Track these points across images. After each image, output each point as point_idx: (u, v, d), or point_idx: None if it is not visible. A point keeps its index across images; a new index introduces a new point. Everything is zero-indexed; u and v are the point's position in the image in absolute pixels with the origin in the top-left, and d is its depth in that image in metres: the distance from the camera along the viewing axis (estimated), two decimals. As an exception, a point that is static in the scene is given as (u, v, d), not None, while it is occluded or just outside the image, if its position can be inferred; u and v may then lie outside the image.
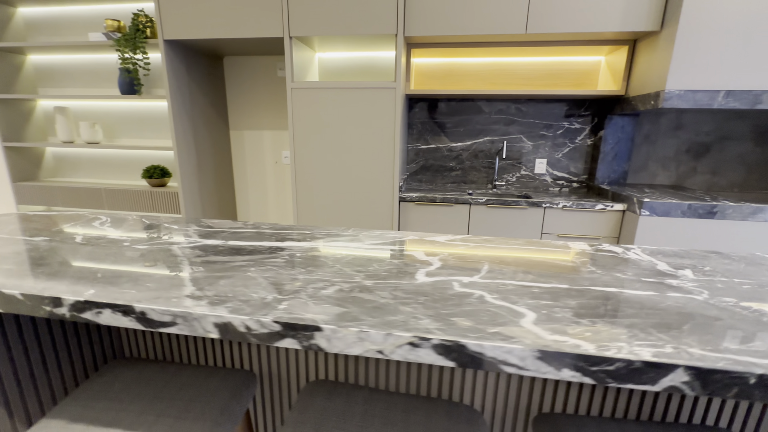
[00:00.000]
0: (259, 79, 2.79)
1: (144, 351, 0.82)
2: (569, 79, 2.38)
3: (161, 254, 0.65)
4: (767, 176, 2.33)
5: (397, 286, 0.53)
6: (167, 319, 0.44)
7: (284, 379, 0.74)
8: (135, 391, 0.69)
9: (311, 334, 0.41)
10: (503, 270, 0.59)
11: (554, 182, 2.57)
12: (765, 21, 1.61)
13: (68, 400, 0.66)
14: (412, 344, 0.39)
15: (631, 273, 0.62)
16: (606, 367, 0.36)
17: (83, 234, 0.73)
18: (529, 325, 0.41)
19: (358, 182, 2.19)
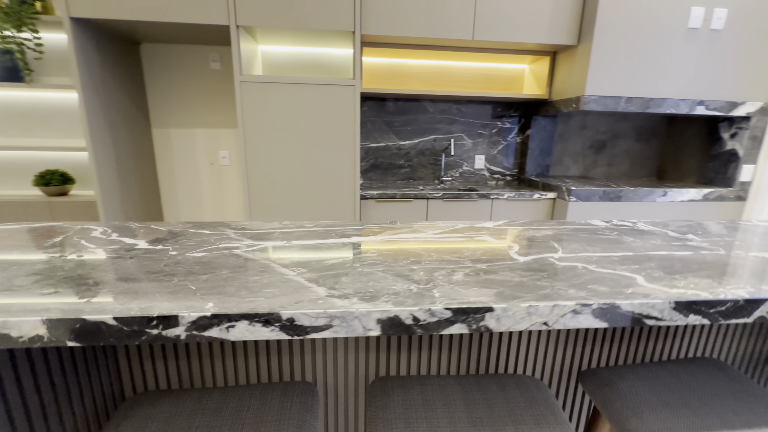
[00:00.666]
0: (187, 71, 2.49)
1: (163, 382, 0.69)
2: (500, 84, 2.66)
3: (234, 259, 0.56)
4: (645, 166, 2.94)
5: (510, 266, 0.56)
6: (322, 323, 0.38)
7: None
8: (181, 425, 0.59)
9: (482, 316, 0.41)
10: (572, 247, 0.66)
11: (491, 176, 2.84)
12: (655, 42, 2.04)
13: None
14: (574, 311, 0.43)
15: (659, 240, 0.75)
16: (719, 308, 0.45)
17: (107, 246, 0.58)
18: (645, 284, 0.48)
19: (318, 181, 2.13)
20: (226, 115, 2.60)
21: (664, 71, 2.10)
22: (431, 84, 2.61)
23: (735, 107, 2.22)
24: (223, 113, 2.60)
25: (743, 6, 2.04)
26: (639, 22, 2.01)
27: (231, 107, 2.59)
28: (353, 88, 2.03)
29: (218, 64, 2.50)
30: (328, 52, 2.42)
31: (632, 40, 2.03)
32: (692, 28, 2.05)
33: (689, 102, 2.18)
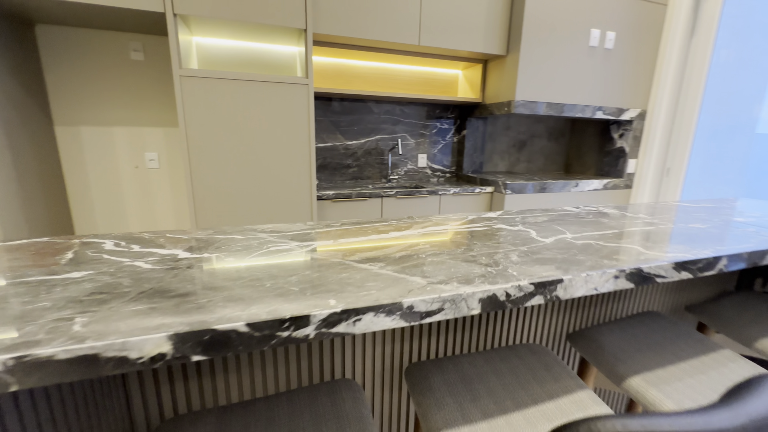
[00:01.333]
0: (99, 60, 2.17)
1: (183, 405, 0.61)
2: (438, 87, 2.86)
3: (302, 259, 0.53)
4: (555, 162, 3.43)
5: (545, 246, 0.65)
6: (435, 307, 0.41)
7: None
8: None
9: (554, 287, 0.48)
10: (573, 228, 0.78)
11: (433, 174, 3.03)
12: (566, 56, 2.39)
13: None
14: (615, 277, 0.52)
15: (624, 219, 0.92)
16: (699, 265, 0.59)
17: (144, 258, 0.49)
18: (647, 252, 0.61)
19: (272, 183, 2.04)
20: (153, 112, 2.32)
21: (573, 81, 2.49)
22: (375, 85, 2.68)
23: (623, 112, 2.73)
24: (150, 110, 2.32)
25: (627, 30, 2.53)
26: (554, 40, 2.34)
27: (159, 103, 2.32)
28: (306, 87, 1.99)
29: (140, 54, 2.23)
30: (270, 48, 2.32)
31: (549, 54, 2.36)
32: (592, 46, 2.46)
33: (592, 107, 2.61)
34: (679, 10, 2.50)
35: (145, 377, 0.61)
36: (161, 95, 2.32)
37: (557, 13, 2.31)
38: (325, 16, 2.01)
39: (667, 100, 2.66)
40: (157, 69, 2.28)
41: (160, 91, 2.31)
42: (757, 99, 3.92)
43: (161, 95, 2.32)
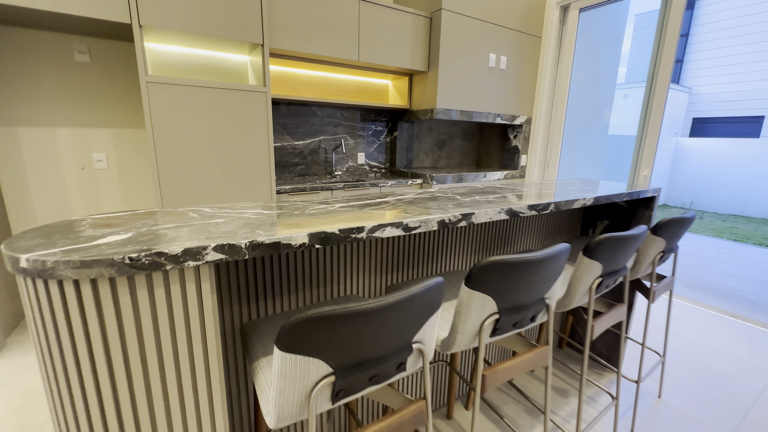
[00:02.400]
0: (39, 61, 2.17)
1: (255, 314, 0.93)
2: (372, 94, 3.31)
3: (347, 211, 0.88)
4: (469, 158, 4.14)
5: (463, 202, 1.11)
6: (417, 225, 0.82)
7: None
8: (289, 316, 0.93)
9: (470, 216, 0.93)
10: (473, 194, 1.27)
11: (371, 169, 3.48)
12: (473, 74, 3.03)
13: None
14: (498, 212, 1.01)
15: (506, 193, 1.45)
16: (539, 207, 1.11)
17: (234, 212, 0.74)
18: (516, 200, 1.12)
19: (235, 181, 2.28)
20: (101, 113, 2.37)
21: (479, 94, 3.15)
22: (318, 92, 3.03)
23: (515, 118, 3.50)
24: (98, 112, 2.36)
25: (515, 55, 3.27)
26: (463, 61, 2.96)
27: (107, 105, 2.37)
28: (264, 94, 2.27)
29: (86, 56, 2.27)
30: (220, 56, 2.52)
31: (460, 71, 2.97)
32: (491, 67, 3.15)
33: (493, 114, 3.32)
34: (549, 42, 3.33)
35: (232, 293, 0.92)
36: (110, 97, 2.37)
37: (464, 40, 2.93)
38: (279, 32, 2.31)
39: (544, 109, 3.50)
40: (104, 71, 2.33)
41: (109, 93, 2.37)
42: (608, 109, 5.17)
43: (110, 97, 2.37)
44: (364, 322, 0.60)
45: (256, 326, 0.91)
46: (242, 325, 0.92)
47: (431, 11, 2.85)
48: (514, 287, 0.83)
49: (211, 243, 0.61)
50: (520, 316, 0.89)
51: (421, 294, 0.66)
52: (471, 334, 0.85)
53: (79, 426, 0.61)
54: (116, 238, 0.64)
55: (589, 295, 1.10)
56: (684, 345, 2.15)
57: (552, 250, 0.85)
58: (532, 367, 0.95)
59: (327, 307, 0.57)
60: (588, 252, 1.04)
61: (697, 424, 1.52)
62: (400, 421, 0.73)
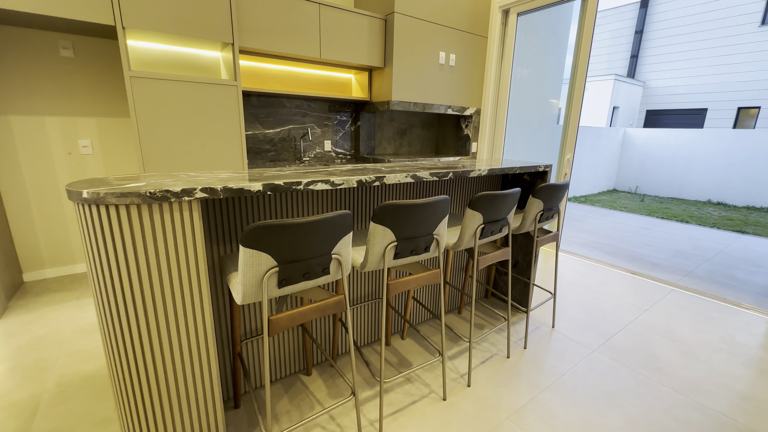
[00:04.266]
0: (27, 57, 2.42)
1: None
2: (336, 87, 3.66)
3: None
4: (428, 145, 4.57)
5: (422, 165, 1.52)
6: (407, 179, 1.21)
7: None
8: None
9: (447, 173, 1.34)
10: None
11: (337, 156, 3.85)
12: (425, 70, 3.43)
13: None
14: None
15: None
16: (440, 176, 1.53)
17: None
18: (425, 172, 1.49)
19: (212, 165, 2.61)
20: (86, 104, 2.63)
21: (432, 87, 3.56)
22: (286, 85, 3.35)
23: (465, 110, 3.94)
24: (83, 102, 2.62)
25: (463, 53, 3.70)
26: (416, 58, 3.36)
27: (91, 97, 2.63)
28: (236, 88, 2.60)
29: (70, 51, 2.52)
30: (194, 52, 2.81)
31: (414, 67, 3.37)
32: (441, 64, 3.56)
33: (445, 106, 3.74)
34: (492, 42, 3.77)
35: (212, 235, 1.31)
36: (93, 89, 2.64)
37: (416, 39, 3.33)
38: (247, 32, 2.63)
39: (491, 102, 3.95)
40: (87, 66, 2.59)
41: (92, 85, 2.63)
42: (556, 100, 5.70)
43: (93, 89, 2.64)
44: (296, 231, 0.99)
45: (228, 257, 1.29)
46: (219, 257, 1.30)
47: (385, 14, 3.22)
48: (407, 222, 1.25)
49: (199, 186, 0.99)
50: (414, 245, 1.32)
51: (335, 218, 1.06)
52: (378, 255, 1.26)
53: (117, 305, 0.99)
54: (136, 184, 1.00)
55: (474, 239, 1.54)
56: (584, 293, 2.68)
57: (432, 199, 1.27)
58: (426, 282, 1.38)
59: (273, 220, 0.96)
60: (471, 205, 1.47)
61: (575, 343, 2.02)
62: (325, 305, 1.14)
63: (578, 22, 3.12)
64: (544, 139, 5.79)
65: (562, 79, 5.81)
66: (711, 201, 7.41)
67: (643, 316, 2.33)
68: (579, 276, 3.04)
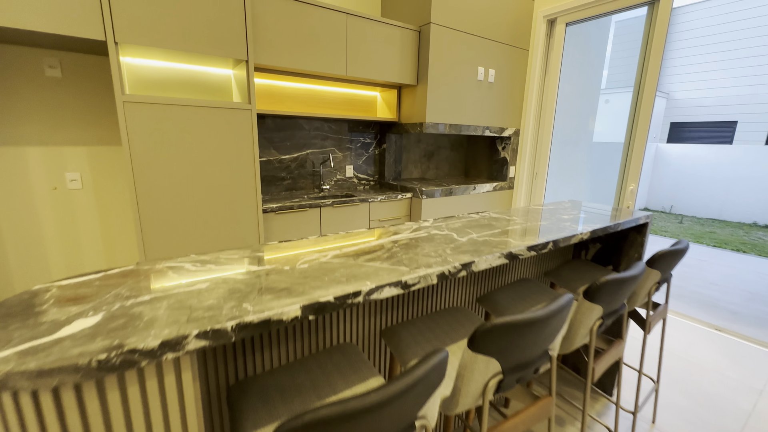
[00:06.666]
0: (6, 76, 2.04)
1: (242, 373, 0.85)
2: (360, 106, 3.26)
3: (340, 262, 0.80)
4: (457, 168, 4.13)
5: (461, 243, 1.06)
6: (416, 281, 0.77)
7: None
8: (288, 383, 0.85)
9: (470, 265, 0.89)
10: (469, 231, 1.22)
11: (359, 182, 3.43)
12: (461, 88, 3.01)
13: None
14: (498, 257, 0.96)
15: (495, 223, 1.42)
16: (538, 247, 1.08)
17: (234, 268, 0.66)
18: (512, 240, 1.07)
19: (219, 201, 2.19)
20: (75, 131, 2.24)
21: (467, 107, 3.14)
22: (305, 104, 2.95)
23: (503, 131, 3.50)
24: (71, 129, 2.23)
25: (503, 68, 3.27)
26: (452, 74, 2.94)
27: (81, 122, 2.25)
28: (249, 111, 2.19)
29: (57, 71, 2.15)
30: (203, 70, 2.43)
31: (449, 85, 2.95)
32: (479, 80, 3.14)
33: (482, 127, 3.31)
34: (536, 55, 3.34)
35: (217, 353, 0.85)
36: (84, 113, 2.25)
37: (453, 54, 2.91)
38: (264, 47, 2.23)
39: (532, 121, 3.51)
40: (78, 87, 2.21)
41: (83, 109, 2.24)
42: (591, 118, 5.25)
43: (84, 113, 2.25)
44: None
45: (245, 390, 0.84)
46: (228, 388, 0.86)
47: (419, 25, 2.82)
48: (520, 346, 0.79)
49: (193, 330, 0.55)
50: (524, 373, 0.86)
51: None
52: (474, 395, 0.81)
53: None
54: (83, 324, 0.57)
55: (590, 337, 1.08)
56: (673, 363, 2.17)
57: (557, 305, 0.81)
58: (536, 422, 0.92)
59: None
60: (589, 296, 1.01)
61: (691, 450, 1.53)
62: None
63: (645, 31, 2.68)
64: (579, 159, 5.32)
65: (599, 93, 5.37)
66: (757, 223, 6.83)
67: (761, 404, 1.82)
68: (663, 348, 2.53)
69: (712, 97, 11.50)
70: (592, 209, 1.74)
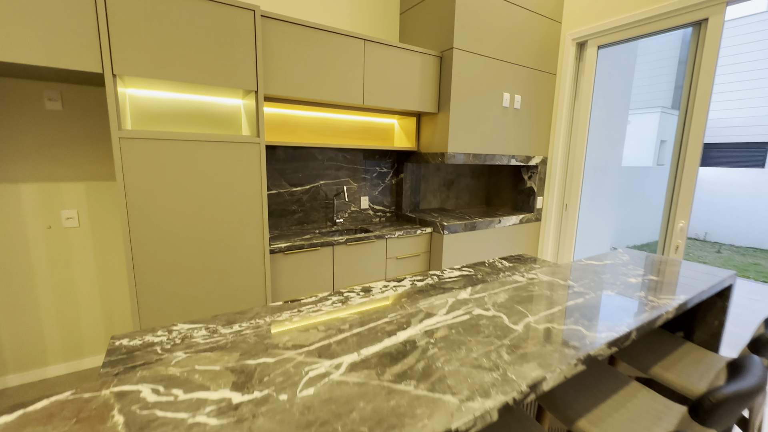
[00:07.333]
0: (5, 110, 1.92)
1: None
2: (376, 134, 3.07)
3: (353, 381, 0.57)
4: (478, 197, 3.88)
5: (519, 337, 0.81)
6: (470, 425, 0.52)
7: None
8: None
9: (541, 384, 0.64)
10: (521, 309, 0.97)
11: (375, 214, 3.20)
12: (485, 115, 2.79)
13: None
14: (575, 364, 0.71)
15: (549, 292, 1.15)
16: (620, 341, 0.83)
17: (212, 398, 0.46)
18: (584, 330, 0.82)
19: (222, 241, 1.99)
20: (73, 166, 2.10)
21: (494, 135, 2.91)
22: (318, 133, 2.78)
23: (530, 159, 3.25)
24: (69, 164, 2.09)
25: (529, 93, 3.06)
26: (476, 101, 2.73)
27: (79, 156, 2.11)
28: (258, 145, 2.01)
29: (58, 103, 2.02)
30: (211, 101, 2.28)
31: (472, 113, 2.74)
32: (505, 106, 2.92)
33: (507, 156, 3.07)
34: (564, 79, 3.12)
35: None
36: (84, 147, 2.11)
37: (477, 80, 2.71)
38: (276, 77, 2.07)
39: (561, 149, 3.25)
40: (78, 120, 2.08)
41: (83, 143, 2.11)
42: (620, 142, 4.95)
43: (84, 147, 2.11)
44: None
45: None
46: None
47: (441, 50, 2.64)
48: None
49: None
50: None
51: None
52: None
53: None
54: None
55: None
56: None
57: None
58: None
59: None
60: (700, 416, 0.73)
61: None
62: None
63: (691, 52, 2.43)
64: (609, 186, 5.00)
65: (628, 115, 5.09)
66: (806, 253, 6.28)
67: None
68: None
69: (740, 117, 11.03)
70: (656, 264, 1.45)
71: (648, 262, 1.45)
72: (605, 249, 5.29)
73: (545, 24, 3.02)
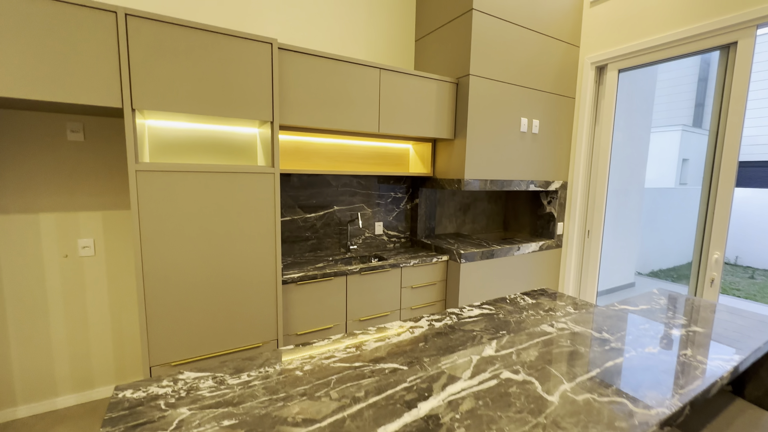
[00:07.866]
0: (30, 142, 1.96)
1: None
2: (390, 160, 3.03)
3: None
4: (495, 221, 3.77)
5: (556, 412, 0.71)
6: None
7: None
8: None
9: None
10: (554, 371, 0.87)
11: (389, 240, 3.14)
12: (502, 140, 2.73)
13: None
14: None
15: (584, 349, 1.05)
16: (672, 418, 0.73)
17: None
18: (630, 405, 0.72)
19: (234, 275, 1.95)
20: (92, 196, 2.12)
21: (509, 161, 2.84)
22: (333, 159, 2.76)
23: (549, 184, 3.15)
24: (87, 194, 2.11)
25: (548, 118, 2.99)
26: (493, 127, 2.68)
27: (98, 186, 2.13)
28: (272, 175, 1.99)
29: (80, 135, 2.06)
30: (227, 130, 2.29)
31: (490, 139, 2.68)
32: (523, 131, 2.85)
33: (525, 182, 2.98)
34: (584, 103, 3.05)
35: None
36: (103, 177, 2.14)
37: (493, 105, 2.67)
38: (291, 107, 2.07)
39: (582, 173, 3.15)
40: (98, 150, 2.11)
41: (102, 172, 2.13)
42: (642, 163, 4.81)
43: (103, 177, 2.14)
44: None
45: None
46: None
47: (457, 77, 2.62)
48: None
49: None
50: None
51: None
52: None
53: None
54: None
55: None
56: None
57: None
58: None
59: None
60: None
61: None
62: None
63: (720, 75, 2.33)
64: (632, 209, 4.82)
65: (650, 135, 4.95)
66: None
67: None
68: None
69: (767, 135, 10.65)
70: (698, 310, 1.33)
71: (689, 307, 1.33)
72: (629, 275, 5.04)
73: (563, 48, 2.97)
